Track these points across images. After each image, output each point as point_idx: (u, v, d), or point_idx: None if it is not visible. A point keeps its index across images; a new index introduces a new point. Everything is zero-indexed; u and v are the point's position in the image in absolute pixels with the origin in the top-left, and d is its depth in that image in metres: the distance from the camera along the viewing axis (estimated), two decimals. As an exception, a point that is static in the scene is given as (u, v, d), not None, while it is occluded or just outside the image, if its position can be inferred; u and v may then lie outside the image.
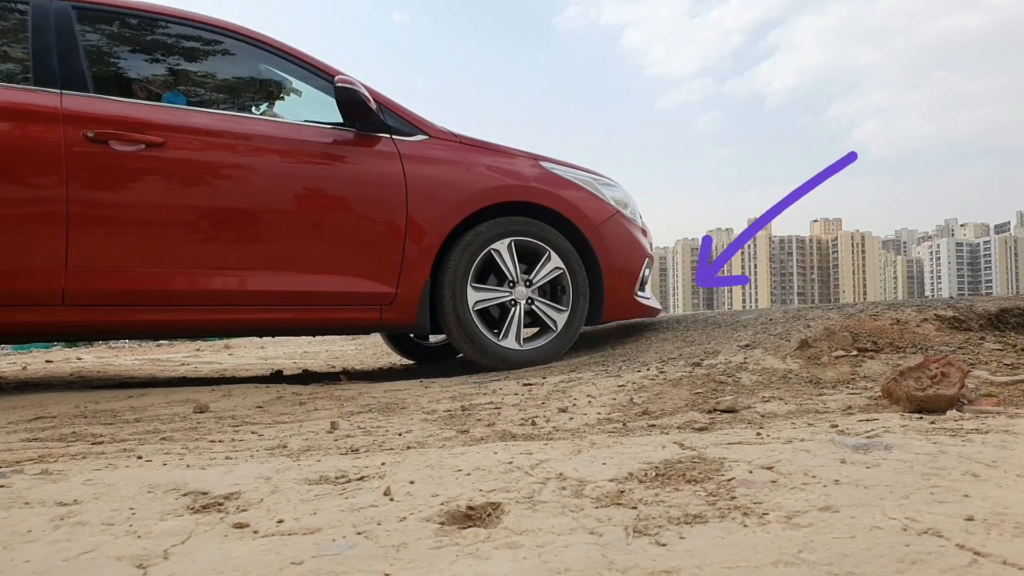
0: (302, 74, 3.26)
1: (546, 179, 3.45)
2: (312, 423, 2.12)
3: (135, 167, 2.82)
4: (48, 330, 2.82)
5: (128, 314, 2.84)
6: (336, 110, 3.14)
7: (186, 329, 3.00)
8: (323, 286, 3.06)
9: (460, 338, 3.26)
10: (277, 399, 2.66)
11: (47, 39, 2.85)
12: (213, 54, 3.27)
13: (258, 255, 2.98)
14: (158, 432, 2.00)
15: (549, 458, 1.00)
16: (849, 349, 2.73)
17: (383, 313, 3.14)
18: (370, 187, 3.12)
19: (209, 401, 2.59)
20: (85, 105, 2.80)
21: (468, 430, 1.87)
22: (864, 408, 2.04)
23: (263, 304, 3.00)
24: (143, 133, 2.83)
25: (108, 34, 3.07)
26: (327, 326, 3.17)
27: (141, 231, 2.84)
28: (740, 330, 3.19)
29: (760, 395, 2.27)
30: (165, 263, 2.86)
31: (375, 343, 7.21)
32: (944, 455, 0.95)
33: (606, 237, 3.51)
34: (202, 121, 3.01)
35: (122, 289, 2.81)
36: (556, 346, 3.41)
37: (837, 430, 1.19)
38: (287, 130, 3.09)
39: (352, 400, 2.54)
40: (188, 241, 2.89)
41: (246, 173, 2.98)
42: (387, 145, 3.19)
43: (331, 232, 3.06)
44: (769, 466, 0.90)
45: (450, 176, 3.25)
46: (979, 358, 2.60)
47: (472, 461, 1.00)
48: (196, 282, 2.90)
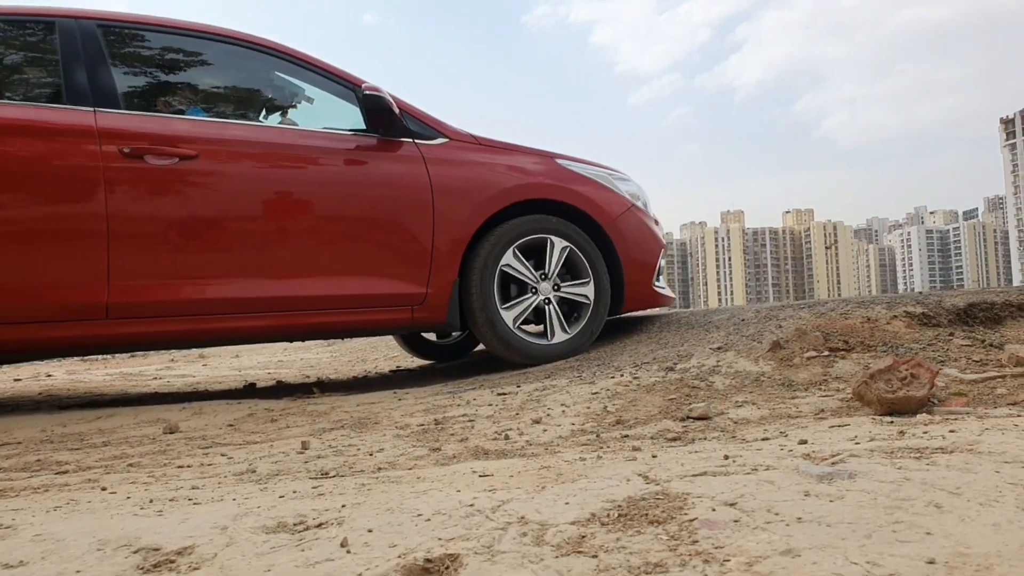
0: (322, 82, 3.31)
1: (564, 176, 3.53)
2: (283, 442, 2.09)
3: (171, 180, 2.88)
4: (93, 343, 2.86)
5: (169, 325, 2.88)
6: (350, 116, 3.23)
7: (226, 337, 3.05)
8: (357, 289, 3.12)
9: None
10: (249, 416, 2.62)
11: (76, 58, 2.90)
12: (234, 66, 3.35)
13: (293, 261, 3.04)
14: (125, 457, 1.96)
15: (511, 498, 0.99)
16: (821, 349, 2.75)
17: (415, 313, 3.21)
18: (398, 191, 3.19)
19: (179, 421, 2.55)
20: (119, 122, 2.86)
21: (440, 447, 1.85)
22: (836, 411, 2.05)
23: (300, 309, 3.05)
24: (177, 147, 2.89)
25: (133, 51, 3.12)
26: (362, 328, 3.23)
27: (179, 243, 2.89)
28: (713, 331, 3.20)
29: (733, 400, 2.28)
30: (203, 273, 2.91)
31: (350, 350, 7.15)
32: (908, 483, 0.95)
33: (624, 230, 3.60)
34: (232, 133, 3.07)
35: (163, 301, 2.85)
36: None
37: (804, 453, 1.19)
38: (314, 139, 3.15)
39: (324, 416, 2.51)
40: (224, 250, 2.94)
41: (277, 182, 3.05)
42: (410, 149, 3.26)
43: (363, 236, 3.14)
44: (732, 502, 0.89)
45: (473, 177, 3.33)
46: (948, 355, 2.63)
47: (433, 503, 0.98)
48: (234, 290, 2.95)
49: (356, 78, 3.30)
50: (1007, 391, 2.15)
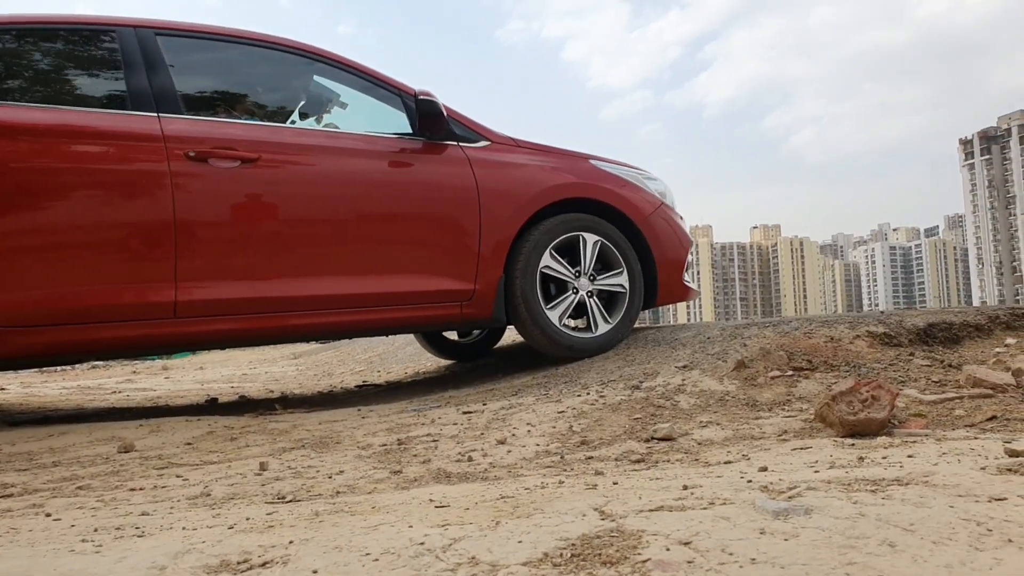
0: (368, 88, 3.42)
1: (600, 176, 3.66)
2: (241, 463, 2.04)
3: (233, 183, 2.95)
4: (163, 342, 2.92)
5: (233, 323, 2.95)
6: (386, 120, 3.35)
7: (288, 335, 3.14)
8: (411, 286, 3.21)
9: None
10: (208, 434, 2.56)
11: (137, 65, 2.98)
12: (280, 71, 3.47)
13: (349, 260, 3.13)
14: (75, 479, 1.90)
15: (464, 535, 0.97)
16: (785, 369, 2.77)
17: (463, 309, 3.32)
18: (447, 192, 3.30)
19: (135, 439, 2.48)
20: (182, 126, 2.93)
21: (402, 469, 1.82)
22: (799, 433, 2.06)
23: (358, 307, 3.13)
24: (238, 150, 2.97)
25: (188, 57, 3.20)
26: (415, 324, 3.33)
27: (241, 243, 2.95)
28: (679, 348, 3.21)
29: (698, 420, 2.28)
30: (265, 272, 2.98)
31: (316, 363, 7.07)
32: (863, 519, 0.95)
33: (655, 227, 3.72)
34: (289, 137, 3.19)
35: (227, 299, 2.92)
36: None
37: (762, 485, 1.18)
38: (366, 142, 3.26)
39: (285, 434, 2.47)
40: (285, 250, 3.02)
41: (334, 184, 3.14)
42: (456, 152, 3.38)
43: (415, 236, 3.25)
44: (687, 541, 0.88)
45: (515, 177, 3.45)
46: (909, 375, 2.67)
47: (383, 541, 0.96)
48: (294, 289, 3.02)
49: (406, 85, 3.43)
50: (965, 412, 2.18)
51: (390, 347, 7.42)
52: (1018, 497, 1.03)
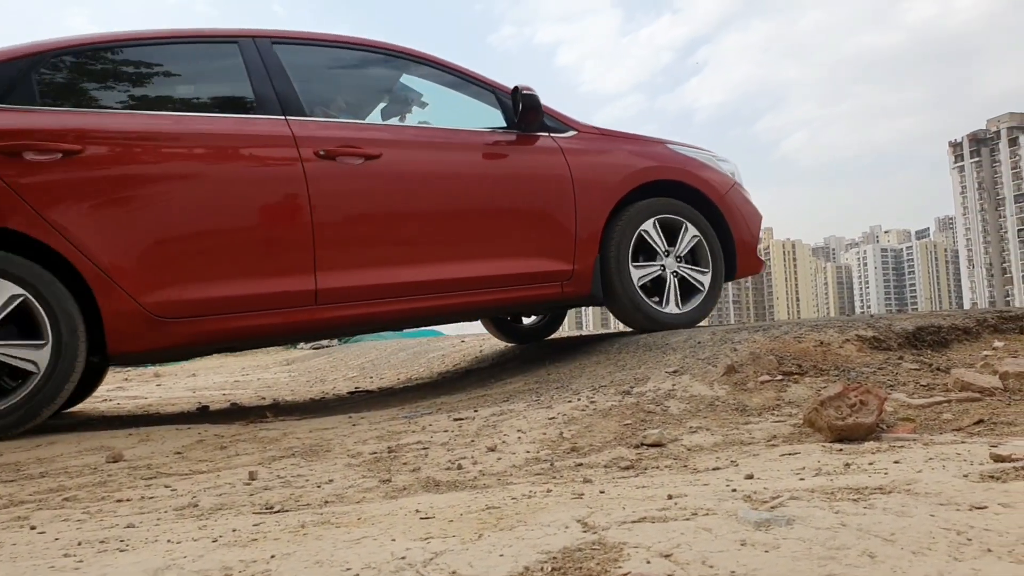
0: (463, 85, 3.65)
1: (679, 159, 3.90)
2: (230, 472, 2.04)
3: (360, 178, 3.17)
4: (306, 328, 3.16)
5: (367, 308, 3.18)
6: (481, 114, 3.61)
7: (415, 317, 3.39)
8: (520, 269, 3.47)
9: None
10: (198, 443, 2.55)
11: (261, 72, 3.20)
12: (383, 72, 3.74)
13: (465, 247, 3.37)
14: (62, 490, 1.89)
15: (445, 549, 0.97)
16: (774, 373, 2.77)
17: (564, 288, 3.58)
18: (545, 180, 3.55)
19: (124, 448, 2.47)
20: (309, 128, 3.14)
21: (391, 478, 1.81)
22: (788, 438, 2.07)
23: (474, 289, 3.38)
24: (362, 148, 3.19)
25: (302, 63, 3.41)
26: (523, 303, 3.59)
27: (370, 234, 3.18)
28: (670, 353, 3.21)
29: (687, 425, 2.28)
30: (393, 260, 3.21)
31: (308, 370, 7.06)
32: (844, 529, 0.95)
33: (731, 205, 3.97)
34: (406, 134, 3.49)
35: (361, 286, 3.14)
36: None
37: (745, 494, 1.19)
38: (473, 137, 3.51)
39: (275, 442, 2.46)
40: (409, 239, 3.25)
41: (448, 177, 3.38)
42: (549, 142, 3.62)
43: (522, 221, 3.50)
44: (668, 553, 0.88)
45: (604, 164, 3.70)
46: (898, 379, 2.68)
47: (365, 555, 0.96)
48: (420, 274, 3.26)
49: (498, 82, 3.68)
50: (952, 416, 2.19)
51: (383, 353, 7.41)
52: (999, 505, 1.04)
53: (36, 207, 2.70)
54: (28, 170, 2.72)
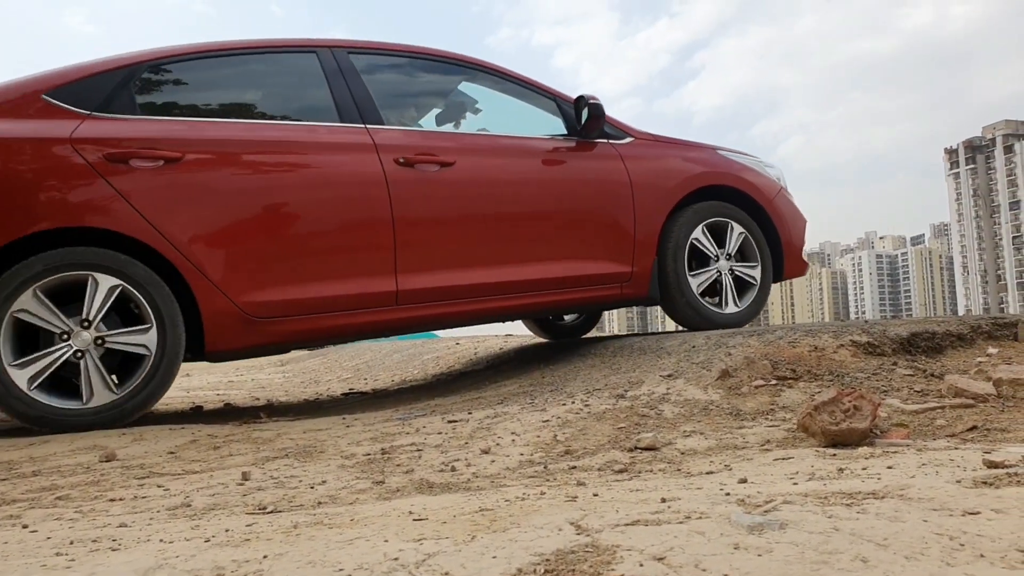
0: (524, 93, 3.80)
1: (731, 165, 4.04)
2: (224, 472, 2.03)
3: (436, 184, 3.31)
4: (387, 327, 3.31)
5: (444, 308, 3.33)
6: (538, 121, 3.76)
7: (488, 316, 3.55)
8: (583, 271, 3.61)
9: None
10: (191, 443, 2.54)
11: (341, 82, 3.33)
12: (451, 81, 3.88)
13: (533, 250, 3.51)
14: (55, 489, 1.88)
15: (438, 551, 0.96)
16: (769, 378, 2.78)
17: (623, 289, 3.72)
18: (606, 185, 3.69)
19: (117, 447, 2.46)
20: (388, 136, 3.29)
21: (384, 480, 1.81)
22: (781, 443, 2.07)
23: (540, 290, 3.53)
24: (437, 156, 3.32)
25: (376, 72, 3.54)
26: (586, 303, 3.72)
27: (445, 237, 3.32)
28: (664, 357, 3.21)
29: (681, 429, 2.28)
30: (467, 262, 3.36)
31: (303, 371, 7.04)
32: (837, 533, 0.95)
33: (779, 209, 4.12)
34: (475, 142, 3.57)
35: (438, 287, 3.28)
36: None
37: (739, 498, 1.19)
38: (538, 144, 3.67)
39: (269, 443, 2.45)
40: (481, 242, 3.40)
41: (517, 183, 3.52)
42: (608, 149, 3.76)
43: (583, 225, 3.64)
44: (661, 556, 0.88)
45: (660, 169, 3.84)
46: (891, 385, 2.68)
47: (357, 556, 0.95)
48: (492, 276, 3.40)
49: (560, 91, 3.84)
50: (946, 422, 2.20)
51: (377, 354, 7.40)
52: (991, 511, 1.04)
53: (142, 212, 2.83)
54: (134, 177, 2.84)
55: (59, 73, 2.97)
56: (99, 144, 2.84)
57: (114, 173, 2.82)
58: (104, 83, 2.97)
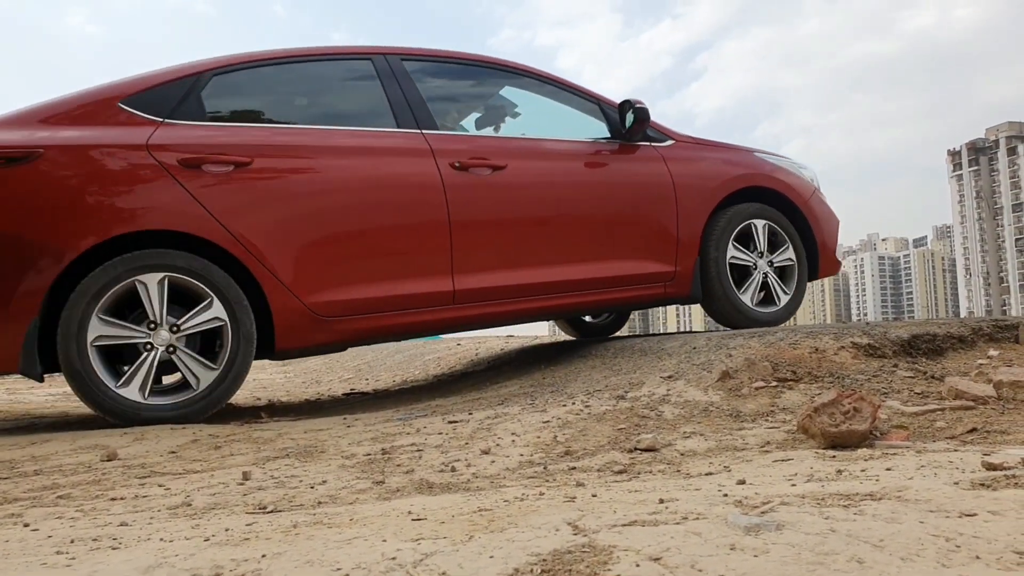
0: (568, 97, 3.91)
1: (768, 167, 4.15)
2: (224, 471, 2.04)
3: (489, 188, 3.42)
4: (444, 326, 3.44)
5: (497, 307, 3.45)
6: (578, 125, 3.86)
7: (535, 315, 3.68)
8: (628, 270, 3.71)
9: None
10: (192, 442, 2.55)
11: (396, 88, 3.43)
12: (496, 85, 3.97)
13: (581, 250, 3.62)
14: (56, 488, 1.88)
15: (436, 550, 0.97)
16: (769, 380, 2.78)
17: (666, 288, 3.83)
18: (650, 187, 3.79)
19: (119, 447, 2.47)
20: (442, 141, 3.39)
21: (385, 480, 1.81)
22: (781, 444, 2.07)
23: (588, 290, 3.64)
24: (489, 160, 3.44)
25: (427, 78, 3.64)
26: (629, 303, 3.83)
27: (498, 239, 3.44)
28: (665, 359, 3.22)
29: (681, 430, 2.28)
30: (518, 263, 3.47)
31: (304, 371, 7.05)
32: (833, 534, 0.96)
33: (814, 209, 4.21)
34: (524, 146, 3.68)
35: (492, 287, 3.40)
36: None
37: (736, 499, 1.19)
38: (584, 147, 3.78)
39: (270, 443, 2.46)
40: (532, 244, 3.52)
41: (565, 185, 3.62)
42: (651, 151, 3.86)
43: (630, 226, 3.74)
44: (657, 557, 0.89)
45: (702, 171, 3.93)
46: (892, 387, 2.68)
47: (355, 555, 0.96)
48: (539, 276, 3.52)
49: (603, 96, 3.94)
50: (946, 424, 2.20)
51: (379, 355, 7.41)
52: (988, 513, 1.04)
53: (216, 215, 2.93)
54: (207, 181, 2.95)
55: (133, 81, 3.09)
56: (173, 150, 2.95)
57: (188, 178, 2.93)
58: (175, 91, 3.09)
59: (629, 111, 3.71)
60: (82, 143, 2.87)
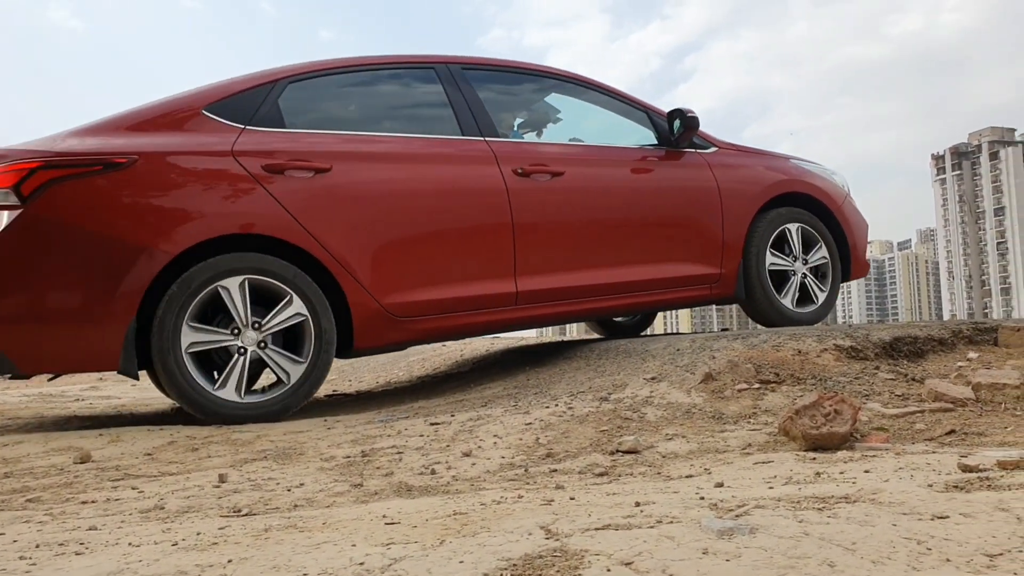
0: (617, 105, 4.03)
1: (805, 173, 4.30)
2: (200, 474, 2.01)
3: (549, 193, 3.55)
4: (506, 325, 3.57)
5: (555, 308, 3.58)
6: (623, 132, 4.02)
7: (591, 316, 3.92)
8: (677, 272, 3.85)
9: (764, 302, 4.04)
10: (169, 444, 2.52)
11: (459, 96, 3.56)
12: (546, 93, 4.10)
13: (634, 253, 3.75)
14: (26, 491, 1.85)
15: (405, 555, 0.95)
16: (752, 382, 2.78)
17: (712, 289, 3.96)
18: (698, 192, 3.92)
19: (93, 449, 2.43)
20: (505, 148, 3.53)
21: (363, 483, 1.80)
22: (763, 446, 2.07)
23: (641, 291, 3.78)
24: (548, 166, 3.56)
25: (485, 86, 3.75)
26: (679, 303, 3.97)
27: (557, 242, 3.57)
28: (649, 360, 3.21)
29: (664, 432, 2.28)
30: (576, 265, 3.60)
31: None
32: (806, 538, 0.95)
33: (846, 213, 4.36)
34: (582, 152, 3.81)
35: (552, 289, 3.54)
36: (828, 305, 4.24)
37: (712, 503, 1.18)
38: (635, 153, 3.91)
39: (248, 445, 2.43)
40: (590, 247, 3.64)
41: (618, 191, 3.77)
42: (696, 158, 3.99)
43: (680, 230, 3.88)
44: (629, 561, 0.88)
45: (745, 177, 4.07)
46: (873, 389, 2.69)
47: (323, 560, 0.94)
48: (595, 278, 3.64)
49: (652, 104, 4.06)
50: (925, 426, 2.20)
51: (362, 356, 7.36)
52: (960, 515, 1.04)
53: (300, 219, 3.04)
54: (290, 187, 3.06)
55: (215, 88, 3.21)
56: (257, 156, 3.06)
57: (272, 183, 3.04)
58: (253, 98, 3.21)
59: (679, 119, 3.86)
60: (173, 149, 2.99)
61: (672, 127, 3.90)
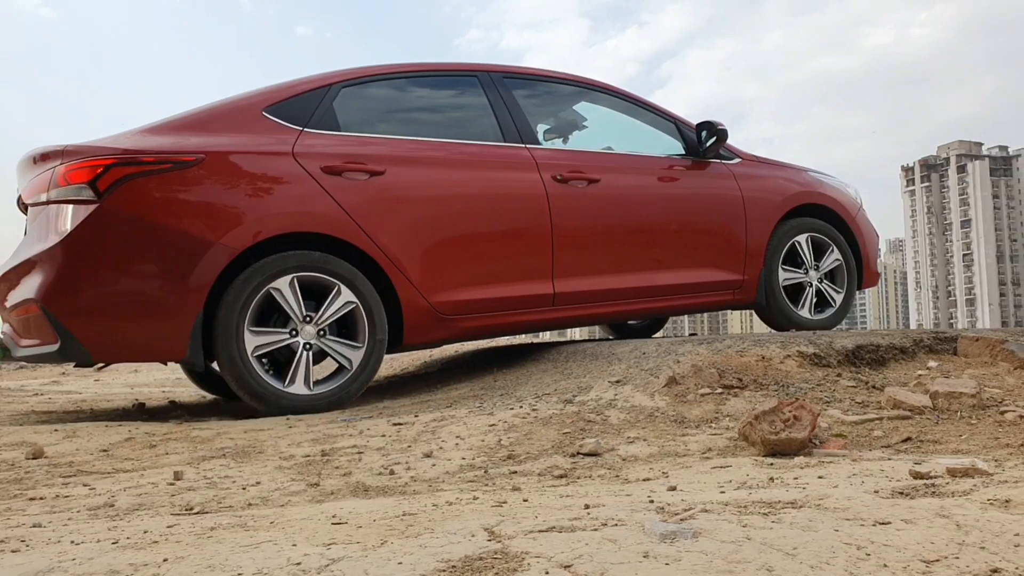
0: (647, 115, 4.15)
1: (820, 184, 4.47)
2: (156, 471, 1.98)
3: (586, 199, 3.68)
4: (544, 325, 3.76)
5: (592, 309, 3.73)
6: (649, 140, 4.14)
7: (624, 317, 4.04)
8: (701, 278, 3.99)
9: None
10: (126, 440, 2.48)
11: (501, 103, 3.69)
12: (578, 102, 4.24)
13: (664, 258, 3.90)
14: (-26, 487, 1.81)
15: (344, 556, 0.94)
16: (715, 386, 2.80)
17: (735, 295, 4.11)
18: (723, 201, 4.06)
19: (47, 444, 2.38)
20: (545, 155, 3.66)
21: (320, 482, 1.78)
22: (722, 451, 2.09)
23: (670, 295, 3.92)
24: (585, 173, 3.69)
25: (524, 95, 3.86)
26: (701, 308, 4.12)
27: (592, 247, 3.70)
28: (615, 363, 3.22)
29: (626, 435, 2.29)
30: (610, 269, 3.74)
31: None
32: (748, 542, 0.96)
33: (859, 224, 4.53)
34: (617, 160, 3.97)
35: (587, 291, 3.67)
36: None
37: (659, 506, 1.19)
38: (664, 162, 4.04)
39: (207, 442, 2.40)
40: (623, 251, 3.79)
41: (650, 198, 3.90)
42: (722, 168, 4.14)
43: (706, 237, 4.02)
44: (568, 564, 0.88)
45: (768, 187, 4.23)
46: (834, 395, 2.73)
47: (260, 560, 0.93)
48: (627, 282, 3.78)
49: (681, 115, 4.20)
50: (883, 433, 2.24)
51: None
52: (901, 521, 1.06)
53: (357, 220, 3.16)
54: (347, 188, 3.18)
55: (274, 91, 3.32)
56: (316, 157, 3.17)
57: (331, 184, 3.15)
58: (309, 101, 3.32)
59: (707, 130, 4.02)
60: (237, 149, 3.09)
61: (700, 138, 4.04)
